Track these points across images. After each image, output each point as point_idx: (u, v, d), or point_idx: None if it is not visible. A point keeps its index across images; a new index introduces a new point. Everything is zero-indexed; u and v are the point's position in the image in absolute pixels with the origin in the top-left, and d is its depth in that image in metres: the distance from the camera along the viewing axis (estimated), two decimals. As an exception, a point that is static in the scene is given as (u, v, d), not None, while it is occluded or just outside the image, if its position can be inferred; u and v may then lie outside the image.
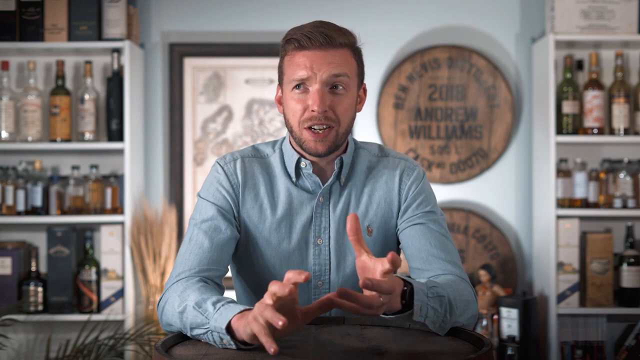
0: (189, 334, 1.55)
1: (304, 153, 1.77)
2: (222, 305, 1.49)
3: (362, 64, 1.79)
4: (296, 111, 1.72)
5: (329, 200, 1.79)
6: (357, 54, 1.76)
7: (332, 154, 1.76)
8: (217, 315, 1.48)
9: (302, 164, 1.78)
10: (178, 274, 1.68)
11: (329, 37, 1.70)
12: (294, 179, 1.79)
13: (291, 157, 1.79)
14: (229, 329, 1.44)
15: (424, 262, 1.74)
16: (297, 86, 1.71)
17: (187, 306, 1.54)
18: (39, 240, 3.59)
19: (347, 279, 1.77)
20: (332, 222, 1.78)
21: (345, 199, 1.79)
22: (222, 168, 1.80)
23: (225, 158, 1.83)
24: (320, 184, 1.78)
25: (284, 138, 1.84)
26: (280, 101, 1.80)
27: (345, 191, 1.80)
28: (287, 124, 1.76)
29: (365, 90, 1.82)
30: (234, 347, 1.44)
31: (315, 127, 1.71)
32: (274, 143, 1.86)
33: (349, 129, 1.76)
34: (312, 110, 1.70)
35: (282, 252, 1.77)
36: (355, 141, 1.87)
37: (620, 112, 3.47)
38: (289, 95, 1.73)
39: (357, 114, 1.81)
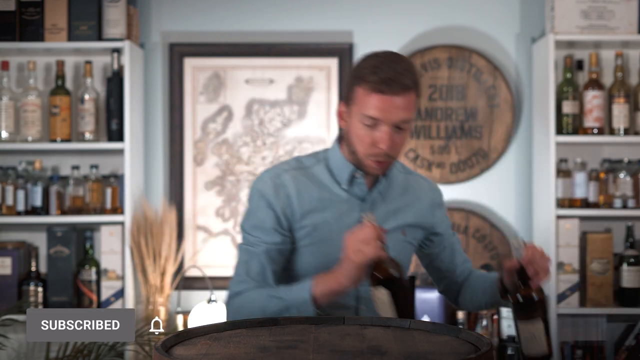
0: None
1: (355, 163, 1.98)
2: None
3: (420, 97, 1.96)
4: (363, 142, 1.91)
5: (372, 204, 2.01)
6: (418, 92, 1.94)
7: None
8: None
9: (357, 174, 1.98)
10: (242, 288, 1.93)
11: (404, 85, 1.87)
12: (345, 186, 1.99)
13: (345, 168, 1.99)
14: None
15: (465, 263, 2.21)
16: (368, 124, 1.89)
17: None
18: (39, 240, 3.59)
19: None
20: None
21: (385, 204, 2.03)
22: (271, 182, 1.99)
23: (270, 172, 2.02)
24: (367, 190, 2.01)
25: (327, 150, 2.06)
26: (342, 116, 1.97)
27: (384, 197, 2.04)
28: (349, 141, 1.95)
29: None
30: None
31: (380, 159, 1.93)
32: (316, 156, 2.06)
33: None
34: (380, 148, 1.89)
35: (335, 248, 1.91)
36: None
37: (620, 112, 3.47)
38: (358, 125, 1.91)
39: None
